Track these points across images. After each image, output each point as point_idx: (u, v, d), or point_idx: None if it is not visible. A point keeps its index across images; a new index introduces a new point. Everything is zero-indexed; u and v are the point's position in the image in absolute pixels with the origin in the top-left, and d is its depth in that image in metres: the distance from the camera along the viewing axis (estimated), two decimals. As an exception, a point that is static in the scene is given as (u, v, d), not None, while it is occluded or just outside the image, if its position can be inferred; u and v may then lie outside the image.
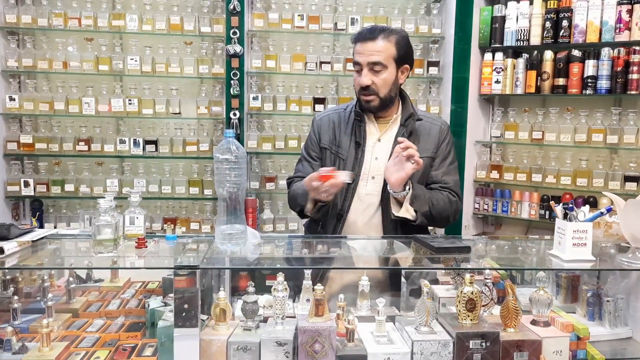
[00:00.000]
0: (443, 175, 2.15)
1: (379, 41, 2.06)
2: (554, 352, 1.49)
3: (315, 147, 2.22)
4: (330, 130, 2.19)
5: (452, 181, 2.17)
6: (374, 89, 2.07)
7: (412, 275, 1.86)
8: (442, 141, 2.18)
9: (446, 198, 2.10)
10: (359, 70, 2.08)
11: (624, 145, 3.22)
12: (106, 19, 3.49)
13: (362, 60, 2.06)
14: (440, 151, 2.17)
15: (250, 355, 1.43)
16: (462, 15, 3.52)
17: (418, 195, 2.00)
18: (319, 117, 2.26)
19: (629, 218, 1.60)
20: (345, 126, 2.17)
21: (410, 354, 1.44)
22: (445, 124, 2.24)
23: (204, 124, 3.71)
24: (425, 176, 2.14)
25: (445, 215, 2.10)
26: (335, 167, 2.10)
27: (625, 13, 3.15)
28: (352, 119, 2.17)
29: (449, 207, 2.11)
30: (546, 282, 1.61)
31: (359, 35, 2.10)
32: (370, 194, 2.11)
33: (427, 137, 2.16)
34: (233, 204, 1.58)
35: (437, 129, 2.19)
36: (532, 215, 3.53)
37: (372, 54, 2.05)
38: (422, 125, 2.18)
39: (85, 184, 3.58)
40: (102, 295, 1.96)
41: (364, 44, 2.07)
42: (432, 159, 2.15)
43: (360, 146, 2.13)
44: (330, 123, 2.20)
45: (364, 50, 2.06)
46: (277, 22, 3.55)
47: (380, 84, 2.07)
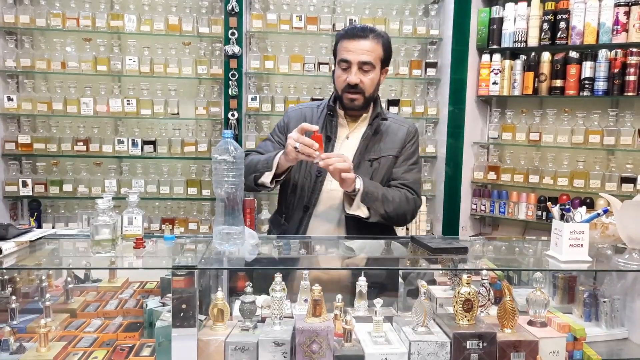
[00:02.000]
0: (403, 173, 2.17)
1: (369, 41, 2.07)
2: (550, 352, 1.49)
3: (281, 135, 2.23)
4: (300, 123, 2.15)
5: (412, 179, 2.18)
6: (361, 88, 2.08)
7: (409, 276, 1.87)
8: (407, 142, 2.19)
9: (403, 195, 2.11)
10: (346, 68, 2.07)
11: (621, 146, 3.23)
12: (104, 19, 3.49)
13: (352, 58, 2.06)
14: (404, 151, 2.18)
15: (248, 356, 1.43)
16: (459, 17, 3.53)
17: (370, 192, 1.99)
18: (292, 109, 2.29)
19: (625, 219, 1.61)
20: (317, 121, 2.18)
21: (408, 355, 1.44)
22: (413, 127, 2.24)
23: (202, 124, 3.71)
24: (389, 175, 2.16)
25: (402, 212, 2.09)
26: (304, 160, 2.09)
27: (623, 15, 3.16)
28: (324, 114, 2.18)
29: (406, 204, 2.10)
30: (543, 282, 1.61)
31: (348, 33, 2.10)
32: (334, 190, 2.11)
33: (393, 137, 2.18)
34: (231, 204, 1.58)
35: (405, 130, 2.20)
36: (529, 216, 3.54)
37: (363, 53, 2.05)
38: (389, 126, 2.19)
39: (83, 184, 3.58)
40: (100, 296, 1.96)
41: (354, 41, 2.06)
42: (395, 157, 2.17)
43: (331, 141, 2.15)
44: (302, 116, 2.21)
45: (355, 48, 2.06)
46: (275, 22, 3.55)
47: (367, 84, 2.08)
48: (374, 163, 2.13)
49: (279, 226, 2.20)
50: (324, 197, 2.13)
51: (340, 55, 2.09)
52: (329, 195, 2.13)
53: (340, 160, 1.89)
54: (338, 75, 2.12)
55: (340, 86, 2.11)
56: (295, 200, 2.16)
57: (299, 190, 2.15)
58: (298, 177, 2.16)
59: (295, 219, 2.15)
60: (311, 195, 2.13)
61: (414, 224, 3.51)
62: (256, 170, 2.05)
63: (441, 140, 3.70)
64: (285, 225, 2.17)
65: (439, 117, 3.73)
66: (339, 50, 2.11)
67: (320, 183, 2.13)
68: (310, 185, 2.13)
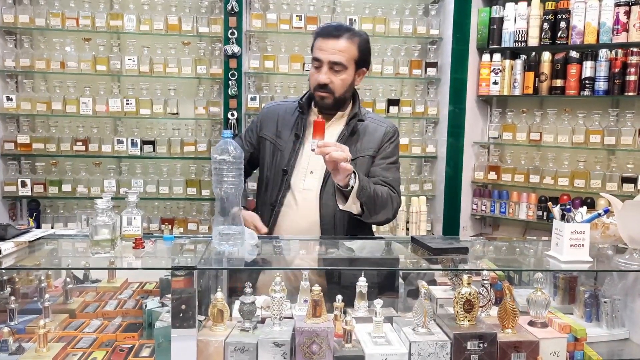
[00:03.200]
0: (382, 171, 2.14)
1: (342, 41, 2.05)
2: (551, 353, 1.49)
3: (253, 135, 2.24)
4: (273, 122, 2.18)
5: (392, 177, 2.15)
6: (331, 88, 2.06)
7: (409, 276, 1.86)
8: (385, 142, 2.16)
9: (387, 191, 2.08)
10: (318, 66, 2.06)
11: (622, 146, 3.22)
12: (104, 19, 3.48)
13: (323, 57, 2.04)
14: (381, 150, 2.16)
15: (248, 356, 1.43)
16: (460, 16, 3.52)
17: (364, 187, 1.95)
18: (266, 107, 2.29)
19: (626, 219, 1.60)
20: (289, 118, 2.17)
21: (408, 355, 1.44)
22: (392, 127, 2.21)
23: (201, 124, 3.70)
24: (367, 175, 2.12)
25: (387, 209, 2.07)
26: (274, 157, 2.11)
27: (623, 14, 3.16)
28: (296, 111, 2.17)
29: (390, 201, 2.07)
30: (544, 283, 1.61)
31: (323, 31, 2.09)
32: (308, 189, 2.10)
33: (370, 137, 2.15)
34: (231, 204, 1.58)
35: (383, 130, 2.18)
36: (530, 217, 3.53)
37: (334, 53, 2.04)
38: (367, 126, 2.17)
39: (82, 184, 3.57)
40: (99, 296, 1.96)
41: (326, 40, 2.05)
42: (371, 157, 2.14)
43: (299, 138, 2.12)
44: (275, 115, 2.20)
45: (327, 47, 2.04)
46: (275, 22, 3.55)
47: (338, 85, 2.06)
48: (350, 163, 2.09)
49: None
50: (295, 196, 2.10)
51: (314, 54, 2.09)
52: (302, 195, 2.10)
53: (337, 149, 1.81)
54: (311, 74, 2.11)
55: (312, 84, 2.10)
56: (265, 198, 2.15)
57: (268, 188, 2.14)
58: (269, 175, 2.15)
59: (265, 218, 2.13)
60: (277, 192, 2.10)
61: (414, 224, 3.51)
62: None
63: (441, 140, 3.69)
64: None
65: (439, 116, 3.73)
66: (314, 48, 2.10)
67: (286, 181, 2.10)
68: (277, 182, 2.11)
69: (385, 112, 3.64)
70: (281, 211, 2.11)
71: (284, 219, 2.11)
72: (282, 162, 2.12)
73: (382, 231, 3.64)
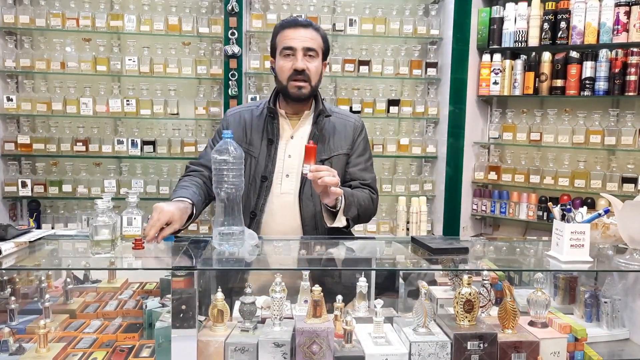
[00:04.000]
0: (361, 172, 2.15)
1: (310, 30, 2.07)
2: (551, 353, 1.49)
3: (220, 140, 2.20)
4: (240, 128, 2.14)
5: (370, 178, 2.17)
6: (307, 75, 2.05)
7: (410, 277, 1.86)
8: (356, 137, 2.17)
9: (369, 196, 2.11)
10: (290, 54, 2.05)
11: (622, 146, 3.22)
12: (104, 20, 3.49)
13: (296, 45, 2.04)
14: (355, 148, 2.16)
15: (248, 357, 1.43)
16: (460, 17, 3.52)
17: (349, 203, 1.97)
18: (230, 113, 2.23)
19: (626, 219, 1.60)
20: (257, 123, 2.14)
21: (408, 355, 1.44)
22: (359, 120, 2.22)
23: (202, 124, 3.70)
24: (342, 173, 2.13)
25: (369, 213, 2.13)
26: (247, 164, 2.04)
27: (623, 15, 3.16)
28: (264, 115, 2.14)
29: (372, 205, 2.13)
30: (544, 283, 1.61)
31: (289, 23, 2.09)
32: (285, 193, 2.09)
33: (341, 133, 2.15)
34: (231, 204, 1.58)
35: (352, 125, 2.18)
36: (530, 217, 3.53)
37: (306, 40, 2.05)
38: (336, 122, 2.16)
39: (82, 185, 3.57)
40: (99, 296, 1.96)
41: (296, 29, 2.06)
42: (347, 155, 2.15)
43: (273, 143, 2.11)
44: (242, 121, 2.16)
45: (298, 36, 2.05)
46: (275, 22, 3.54)
47: (313, 72, 2.06)
48: (325, 163, 2.08)
49: None
50: (273, 201, 2.09)
51: (283, 44, 2.06)
52: (280, 200, 2.09)
53: (329, 174, 1.82)
54: (281, 65, 2.07)
55: (285, 75, 2.06)
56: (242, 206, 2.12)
57: (245, 196, 2.08)
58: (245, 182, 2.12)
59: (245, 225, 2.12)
60: (257, 200, 2.08)
61: (414, 225, 3.51)
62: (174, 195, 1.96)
63: (442, 140, 3.69)
64: None
65: (439, 117, 3.73)
66: (280, 40, 2.08)
67: (266, 188, 2.08)
68: (256, 190, 2.09)
69: (386, 112, 3.64)
70: (262, 219, 2.09)
71: (266, 225, 2.09)
72: (258, 169, 2.09)
73: (382, 231, 3.65)
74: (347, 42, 3.71)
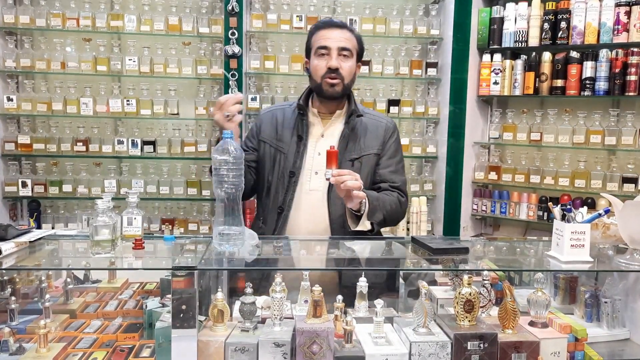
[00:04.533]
0: (391, 174, 2.16)
1: (345, 31, 2.12)
2: (551, 353, 1.49)
3: (254, 139, 2.22)
4: (272, 126, 2.19)
5: (400, 181, 2.18)
6: (341, 74, 2.08)
7: (410, 277, 1.86)
8: (388, 138, 2.19)
9: (397, 200, 2.12)
10: (325, 54, 2.08)
11: (622, 146, 3.22)
12: (104, 20, 3.49)
13: (331, 44, 2.07)
14: (386, 149, 2.17)
15: (248, 357, 1.43)
16: (460, 17, 3.52)
17: (374, 207, 1.99)
18: (263, 112, 2.29)
19: (626, 219, 1.60)
20: (289, 121, 2.17)
21: (409, 355, 1.44)
22: (391, 122, 2.24)
23: (202, 124, 3.70)
24: (372, 174, 2.14)
25: (396, 218, 2.15)
26: (276, 160, 2.12)
27: (624, 15, 3.16)
28: (295, 113, 2.17)
29: (400, 209, 2.14)
30: (544, 283, 1.61)
31: (325, 24, 2.14)
32: (314, 190, 2.10)
33: (372, 134, 2.17)
34: (231, 204, 1.58)
35: (383, 126, 2.20)
36: (530, 217, 3.53)
37: (341, 40, 2.08)
38: (368, 123, 2.18)
39: (83, 185, 3.57)
40: (99, 296, 1.96)
41: (331, 30, 2.10)
42: (377, 155, 2.16)
43: (302, 140, 2.13)
44: (273, 119, 2.20)
45: (333, 35, 2.09)
46: (275, 22, 3.55)
47: (347, 71, 2.09)
48: (355, 162, 2.11)
49: (257, 228, 2.16)
50: (302, 197, 2.10)
51: (318, 44, 2.10)
52: (309, 197, 2.10)
53: (352, 178, 1.85)
54: (316, 64, 2.10)
55: (319, 73, 2.09)
56: (270, 202, 2.14)
57: (273, 192, 2.13)
58: (271, 178, 2.14)
59: (271, 222, 2.12)
60: (285, 196, 2.10)
61: (414, 225, 3.51)
62: None
63: (442, 140, 3.69)
64: (263, 228, 2.14)
65: (439, 117, 3.73)
66: (315, 40, 2.12)
67: (294, 183, 2.10)
68: (284, 185, 2.11)
69: (386, 112, 3.64)
70: (289, 214, 2.10)
71: (293, 221, 2.11)
72: (287, 165, 2.12)
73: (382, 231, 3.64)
74: (347, 42, 3.70)
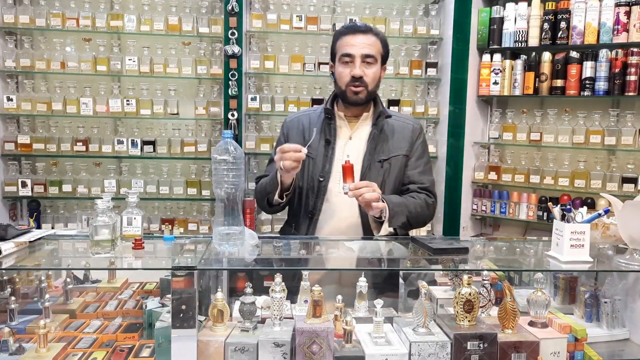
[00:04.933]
0: (420, 175, 2.17)
1: (370, 36, 2.09)
2: (551, 353, 1.49)
3: None
4: (299, 132, 2.18)
5: (429, 181, 2.19)
6: (365, 81, 2.08)
7: (410, 277, 1.86)
8: (415, 139, 2.19)
9: (423, 203, 2.12)
10: (349, 61, 2.08)
11: (622, 146, 3.22)
12: (104, 20, 3.49)
13: (355, 52, 2.06)
14: (414, 150, 2.18)
15: (248, 356, 1.43)
16: (460, 17, 3.52)
17: (396, 212, 2.00)
18: (289, 119, 2.27)
19: (626, 219, 1.60)
20: (315, 126, 2.16)
21: (408, 355, 1.44)
22: (418, 124, 2.25)
23: (202, 124, 3.70)
24: (401, 175, 2.15)
25: (422, 220, 2.15)
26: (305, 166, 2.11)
27: (623, 15, 3.16)
28: (322, 117, 2.17)
29: (426, 211, 2.13)
30: (544, 283, 1.61)
31: (350, 28, 2.11)
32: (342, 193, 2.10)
33: (400, 135, 2.17)
34: (231, 204, 1.58)
35: (410, 128, 2.20)
36: (530, 217, 3.53)
37: (365, 47, 2.07)
38: (395, 124, 2.19)
39: (82, 185, 3.57)
40: (99, 296, 1.96)
41: (355, 36, 2.08)
42: (406, 157, 2.16)
43: (330, 144, 2.13)
44: (300, 125, 2.20)
45: (356, 42, 2.07)
46: (275, 22, 3.55)
47: (371, 77, 2.09)
48: (384, 164, 2.12)
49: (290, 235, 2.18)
50: (332, 201, 2.11)
51: (342, 51, 2.09)
52: (339, 200, 2.09)
53: (369, 190, 1.88)
54: (340, 72, 2.10)
55: (343, 81, 2.10)
56: (301, 208, 2.14)
57: (304, 197, 2.14)
58: (302, 184, 2.14)
59: (303, 227, 2.13)
60: (315, 200, 2.11)
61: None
62: (266, 193, 2.07)
63: (442, 141, 3.69)
64: (295, 234, 2.16)
65: (439, 117, 3.73)
66: (340, 46, 2.11)
67: (323, 187, 2.11)
68: (314, 191, 2.11)
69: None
70: (320, 218, 2.11)
71: (324, 225, 2.11)
72: (316, 170, 2.12)
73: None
74: (347, 42, 3.70)
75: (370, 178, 2.07)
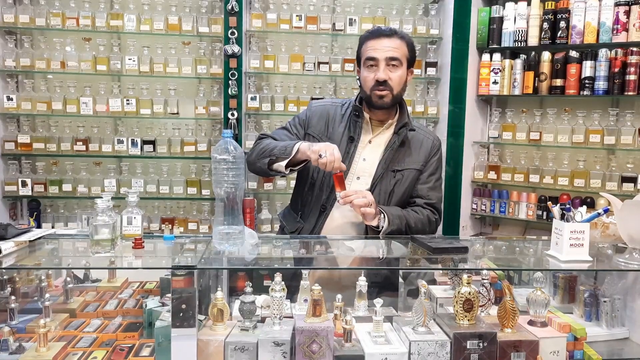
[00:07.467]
0: (429, 191, 2.16)
1: (395, 39, 2.07)
2: (551, 352, 1.49)
3: (301, 129, 2.19)
4: (322, 121, 2.16)
5: (436, 198, 2.19)
6: (389, 85, 2.06)
7: (409, 276, 1.86)
8: (432, 156, 2.19)
9: (425, 219, 2.11)
10: (373, 65, 2.06)
11: (621, 146, 3.22)
12: (104, 19, 3.49)
13: (379, 55, 2.05)
14: (428, 165, 2.18)
15: (248, 356, 1.43)
16: (460, 16, 3.52)
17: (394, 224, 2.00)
18: (315, 104, 2.24)
19: (626, 219, 1.60)
20: (340, 120, 2.15)
21: (408, 354, 1.44)
22: (437, 140, 2.24)
23: (202, 124, 3.70)
24: (411, 188, 2.14)
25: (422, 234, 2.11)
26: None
27: (623, 14, 3.16)
28: (348, 113, 2.16)
29: (427, 227, 2.12)
30: (543, 282, 1.61)
31: (375, 32, 2.10)
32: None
33: (419, 149, 2.16)
34: (231, 204, 1.58)
35: (430, 143, 2.20)
36: (530, 216, 3.53)
37: (389, 50, 2.05)
38: (415, 137, 2.17)
39: (83, 184, 3.57)
40: (99, 296, 1.96)
41: (379, 40, 2.06)
42: (419, 171, 2.16)
43: (354, 142, 2.12)
44: (325, 113, 2.18)
45: (381, 46, 2.05)
46: (275, 22, 3.55)
47: (395, 81, 2.07)
48: (397, 174, 2.11)
49: (293, 222, 2.16)
50: None
51: (367, 54, 2.08)
52: None
53: (358, 196, 1.90)
54: (365, 76, 2.09)
55: (368, 85, 2.08)
56: (312, 199, 2.13)
57: (317, 189, 2.12)
58: (317, 176, 2.13)
59: (312, 218, 2.12)
60: (330, 194, 2.09)
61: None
62: (272, 154, 2.03)
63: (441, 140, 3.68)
64: (301, 223, 2.14)
65: (439, 116, 3.73)
66: (364, 50, 2.10)
67: None
68: (329, 185, 2.09)
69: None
70: (331, 213, 2.10)
71: (332, 220, 2.11)
72: None
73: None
74: (347, 42, 3.71)
75: (381, 185, 2.07)
